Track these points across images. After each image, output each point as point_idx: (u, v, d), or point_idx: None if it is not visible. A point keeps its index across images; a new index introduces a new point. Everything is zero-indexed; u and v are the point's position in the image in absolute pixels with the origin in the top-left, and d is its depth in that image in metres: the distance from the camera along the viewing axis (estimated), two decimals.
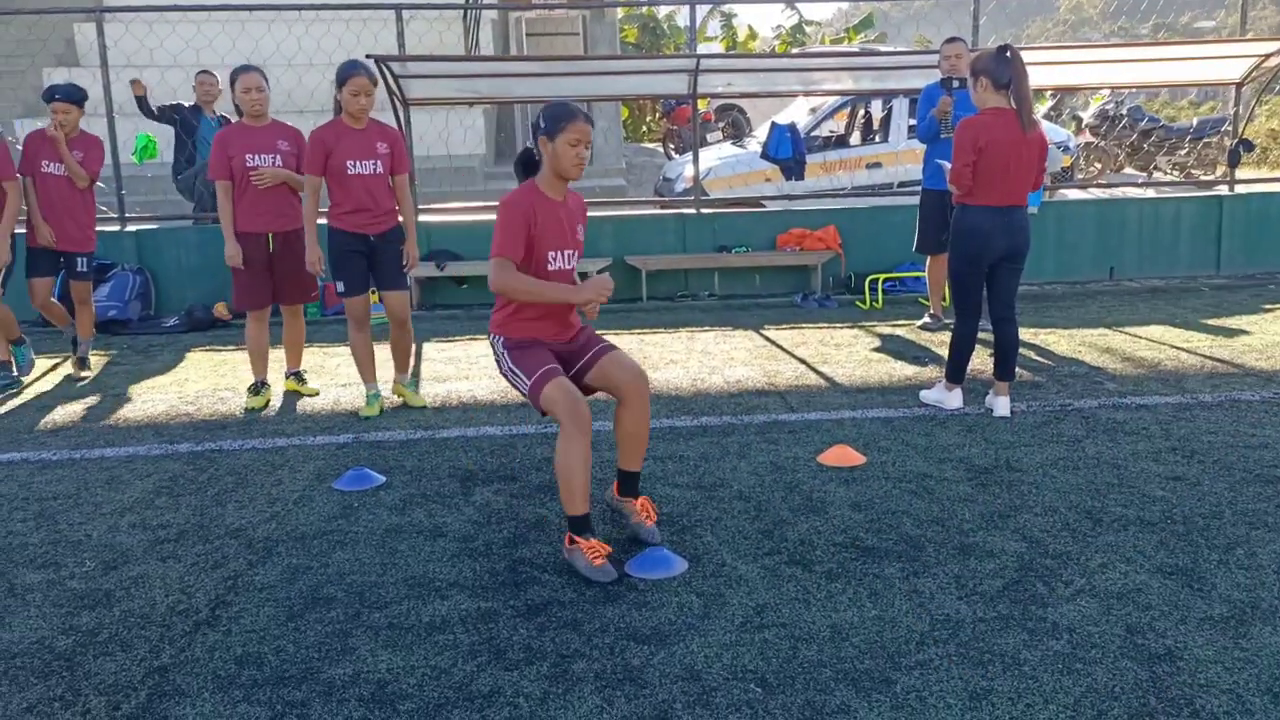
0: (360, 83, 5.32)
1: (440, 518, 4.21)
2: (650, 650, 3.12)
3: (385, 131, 5.57)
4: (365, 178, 5.43)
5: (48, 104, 6.32)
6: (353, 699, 2.91)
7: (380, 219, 5.54)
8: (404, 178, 5.64)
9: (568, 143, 3.70)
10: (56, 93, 6.29)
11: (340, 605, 3.47)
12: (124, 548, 3.97)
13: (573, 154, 3.72)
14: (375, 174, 5.46)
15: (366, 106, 5.39)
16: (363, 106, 5.37)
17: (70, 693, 2.97)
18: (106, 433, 5.44)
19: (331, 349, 7.25)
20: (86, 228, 6.52)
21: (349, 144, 5.39)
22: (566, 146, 3.70)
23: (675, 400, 5.83)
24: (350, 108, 5.36)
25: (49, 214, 6.38)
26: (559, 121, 3.69)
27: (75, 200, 6.42)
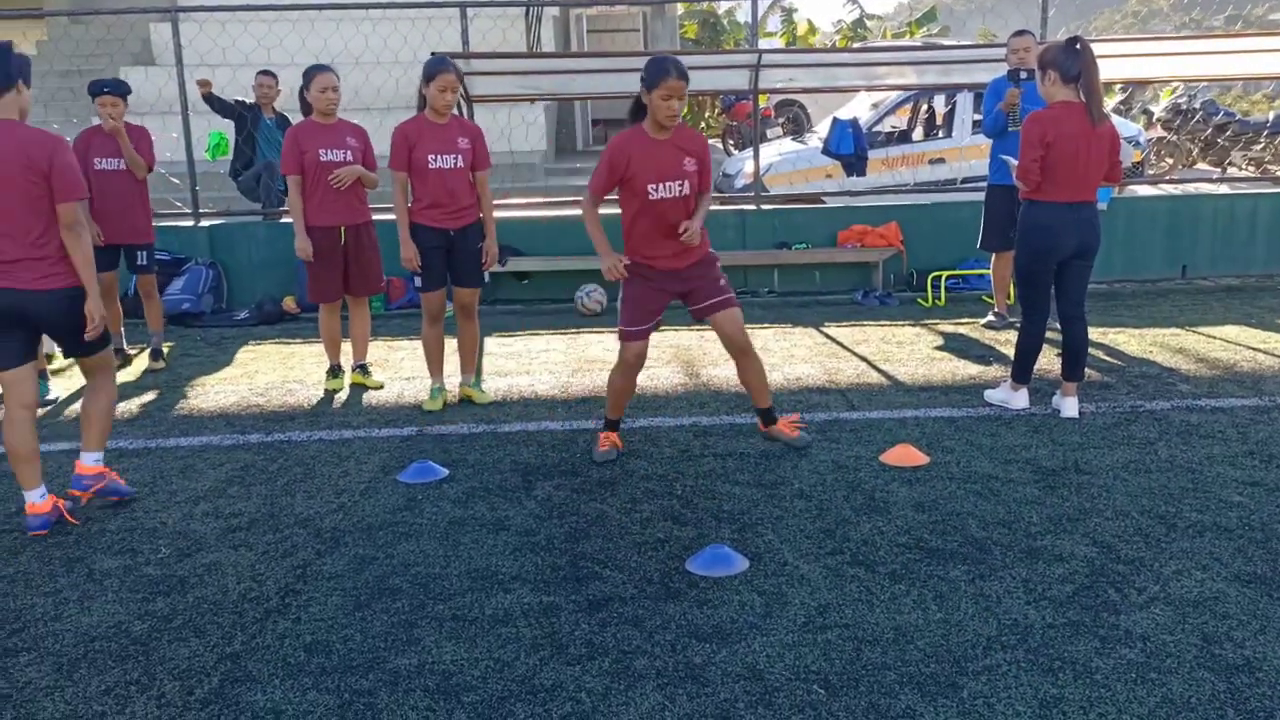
0: (448, 79, 5.33)
1: (502, 511, 4.24)
2: (712, 648, 3.12)
3: (467, 127, 5.56)
4: (446, 172, 5.41)
5: (94, 98, 6.45)
6: (418, 689, 2.95)
7: (460, 214, 5.53)
8: (485, 174, 5.62)
9: (660, 97, 4.38)
10: (104, 87, 6.41)
11: (405, 596, 3.52)
12: (198, 535, 4.06)
13: (664, 106, 4.39)
14: (456, 168, 5.44)
15: (451, 102, 5.41)
16: (448, 102, 5.38)
17: (146, 676, 3.05)
18: (180, 423, 5.58)
19: (396, 343, 7.35)
20: (144, 220, 6.64)
21: (431, 138, 5.38)
22: (659, 100, 4.39)
23: (735, 397, 5.81)
24: (436, 103, 5.36)
25: (105, 209, 6.50)
26: (654, 77, 4.36)
27: (132, 193, 6.54)
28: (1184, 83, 15.54)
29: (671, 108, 4.39)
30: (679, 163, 4.56)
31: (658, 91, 4.35)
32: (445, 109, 5.42)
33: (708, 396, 5.85)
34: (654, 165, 4.50)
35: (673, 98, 4.36)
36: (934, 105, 12.46)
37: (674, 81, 4.33)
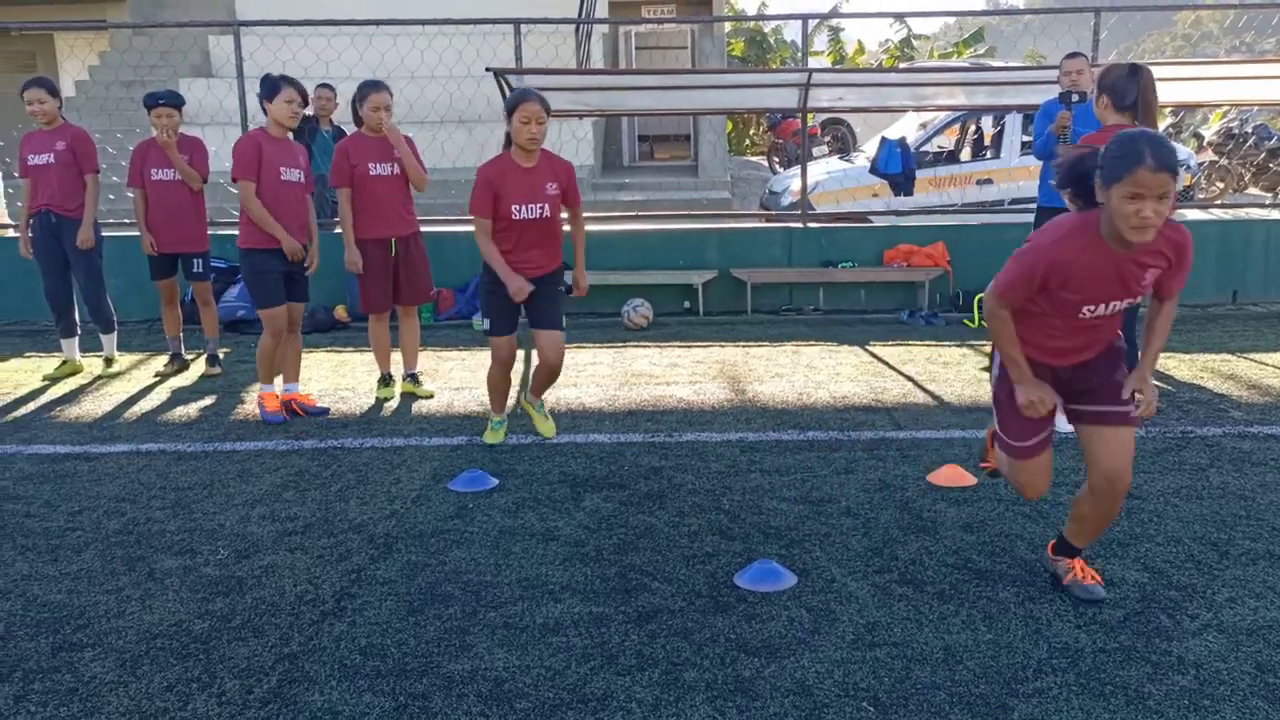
0: (532, 109, 4.72)
1: (551, 522, 4.30)
2: (761, 663, 3.14)
3: (557, 167, 5.00)
4: (531, 223, 4.95)
5: (149, 109, 6.63)
6: (471, 695, 3.00)
7: (543, 264, 5.08)
8: (579, 211, 5.23)
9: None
10: (159, 99, 6.60)
11: (458, 603, 3.58)
12: (255, 537, 4.16)
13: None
14: (543, 218, 4.96)
15: (538, 137, 4.78)
16: (533, 136, 4.75)
17: (206, 674, 3.13)
18: (237, 427, 5.70)
19: (445, 352, 7.45)
20: (199, 229, 6.81)
21: (515, 185, 4.85)
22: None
23: (781, 414, 5.83)
24: (520, 138, 4.78)
25: (162, 219, 6.68)
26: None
27: (187, 203, 6.72)
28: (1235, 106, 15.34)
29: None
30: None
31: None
32: (531, 145, 4.80)
33: (754, 412, 5.88)
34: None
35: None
36: (982, 126, 12.42)
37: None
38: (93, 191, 6.67)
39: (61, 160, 6.58)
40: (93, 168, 6.69)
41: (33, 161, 6.61)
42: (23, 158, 6.68)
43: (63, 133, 6.65)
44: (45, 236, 6.68)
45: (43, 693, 3.02)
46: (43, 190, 6.61)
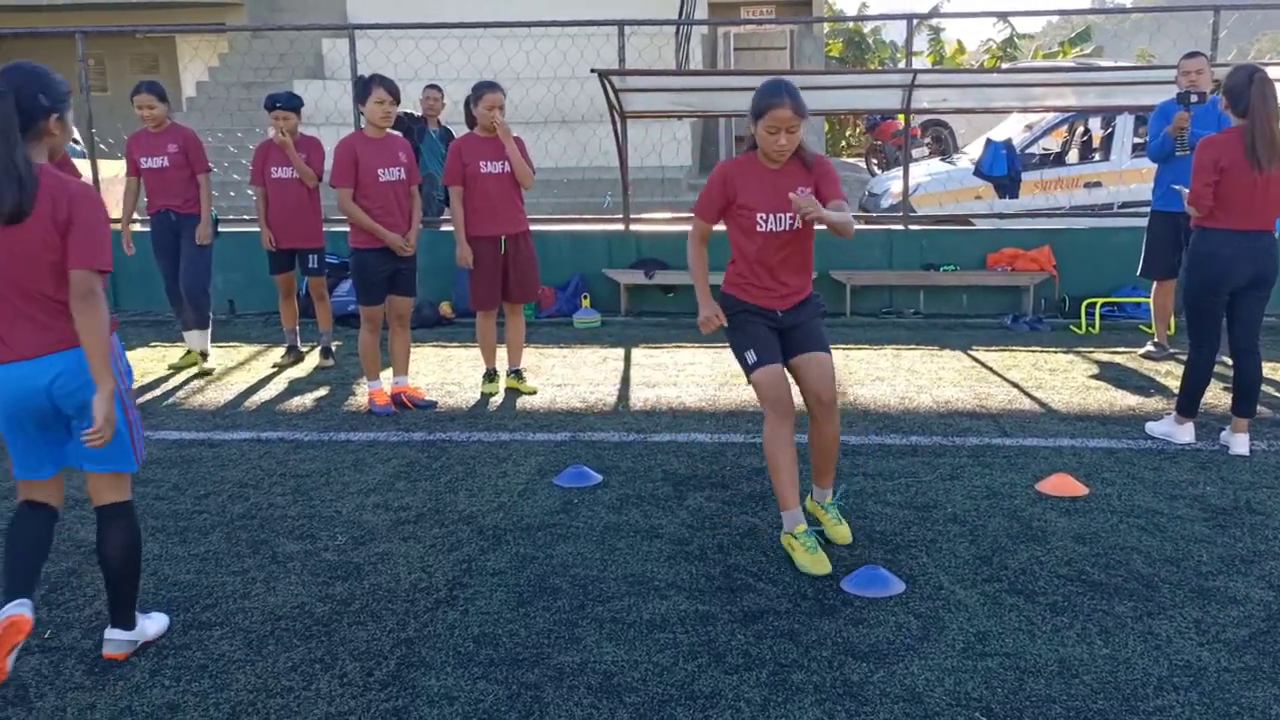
0: (783, 116, 3.73)
1: (655, 519, 4.34)
2: (869, 668, 3.13)
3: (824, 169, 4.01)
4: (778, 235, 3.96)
5: (269, 112, 6.88)
6: (581, 686, 3.06)
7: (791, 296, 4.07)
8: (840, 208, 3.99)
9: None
10: (277, 101, 6.84)
11: (566, 596, 3.64)
12: (370, 525, 4.29)
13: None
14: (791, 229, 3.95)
15: (788, 147, 3.82)
16: (783, 148, 3.81)
17: (329, 656, 3.25)
18: (350, 418, 5.89)
19: (547, 350, 7.56)
20: (315, 225, 7.05)
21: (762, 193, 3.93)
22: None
23: (883, 417, 5.78)
24: (769, 147, 3.84)
25: (280, 216, 6.93)
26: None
27: (304, 200, 6.96)
28: None
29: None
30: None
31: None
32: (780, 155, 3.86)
33: (855, 416, 5.83)
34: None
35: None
36: (1091, 128, 12.08)
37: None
38: (206, 189, 6.89)
39: (175, 162, 6.78)
40: (205, 167, 6.90)
41: (147, 165, 6.81)
42: (133, 159, 6.86)
43: (173, 135, 6.83)
44: (165, 235, 6.91)
45: (175, 668, 3.18)
46: (161, 192, 6.83)
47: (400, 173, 5.85)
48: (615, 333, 8.24)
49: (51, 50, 14.74)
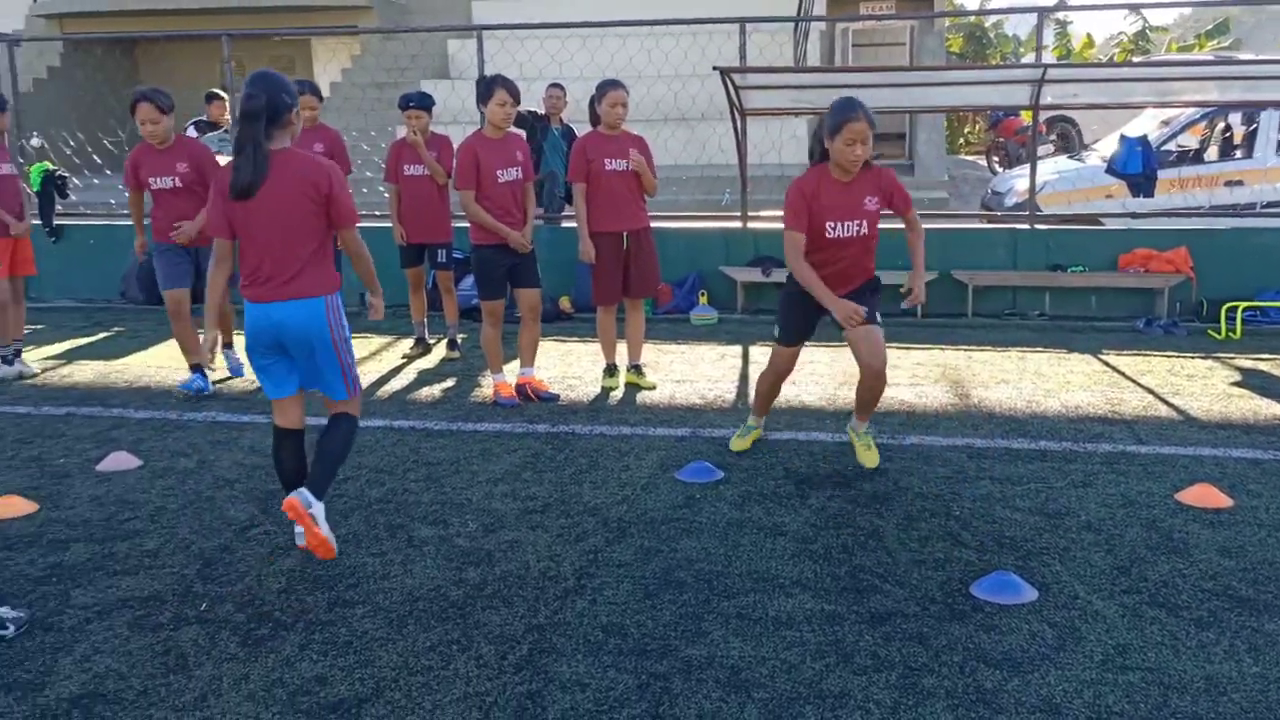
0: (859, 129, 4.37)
1: (778, 517, 4.34)
2: (1003, 675, 3.08)
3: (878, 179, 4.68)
4: (847, 241, 4.67)
5: (403, 111, 7.06)
6: (709, 680, 3.09)
7: (856, 278, 4.80)
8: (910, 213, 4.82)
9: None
10: (410, 101, 7.01)
11: (691, 590, 3.68)
12: (499, 513, 4.41)
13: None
14: (859, 235, 4.67)
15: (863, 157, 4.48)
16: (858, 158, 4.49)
17: (464, 638, 3.36)
18: (476, 409, 6.04)
19: (665, 346, 7.61)
20: (444, 221, 7.22)
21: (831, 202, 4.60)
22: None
23: (1010, 421, 5.65)
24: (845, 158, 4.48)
25: (411, 211, 7.12)
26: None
27: (433, 197, 7.14)
28: None
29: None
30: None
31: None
32: (854, 168, 4.54)
33: (980, 418, 5.72)
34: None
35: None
36: (1232, 123, 11.54)
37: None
38: None
39: None
40: (347, 168, 6.96)
41: None
42: None
43: (319, 134, 6.87)
44: None
45: (323, 643, 3.32)
46: None
47: (517, 172, 5.98)
48: (732, 330, 8.25)
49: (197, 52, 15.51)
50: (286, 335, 3.84)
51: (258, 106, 3.69)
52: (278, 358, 3.92)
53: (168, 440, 5.45)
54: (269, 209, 3.76)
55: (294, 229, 3.79)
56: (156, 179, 6.20)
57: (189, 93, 17.32)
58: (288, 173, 3.77)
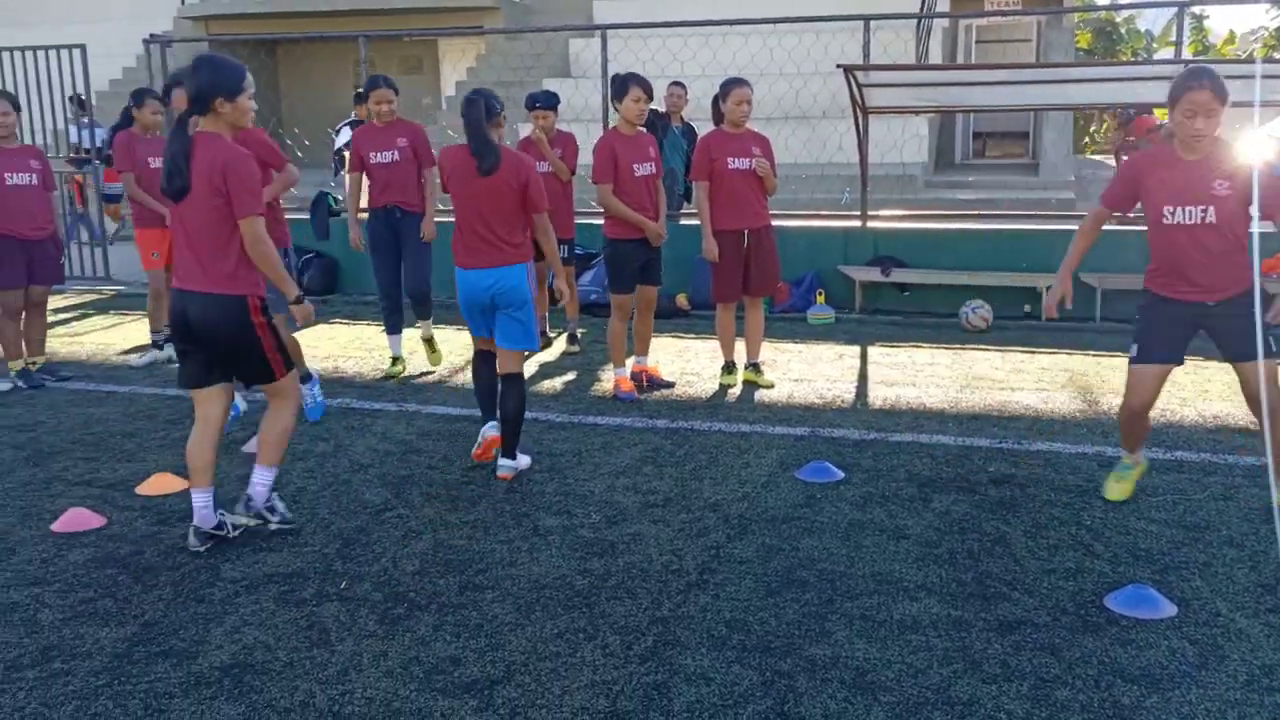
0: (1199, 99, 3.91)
1: (900, 519, 4.30)
2: (1141, 691, 3.00)
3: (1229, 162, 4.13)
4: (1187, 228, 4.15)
5: (530, 110, 7.18)
6: (834, 680, 3.09)
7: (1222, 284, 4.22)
8: None
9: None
10: (537, 101, 7.12)
11: (813, 589, 3.68)
12: (621, 506, 4.47)
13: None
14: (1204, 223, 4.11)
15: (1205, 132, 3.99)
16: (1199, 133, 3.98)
17: (590, 626, 3.43)
18: (597, 403, 6.13)
19: (781, 344, 7.58)
20: (566, 217, 7.31)
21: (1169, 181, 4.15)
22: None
23: None
24: (1185, 132, 4.00)
25: None
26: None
27: (557, 194, 7.21)
28: None
29: None
30: None
31: None
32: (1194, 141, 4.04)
33: (1111, 426, 5.54)
34: None
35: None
36: None
37: None
38: (431, 185, 6.67)
39: (404, 156, 6.58)
40: (432, 162, 6.66)
41: (376, 160, 6.59)
42: (360, 153, 6.69)
43: (402, 129, 6.66)
44: (385, 230, 6.67)
45: (455, 625, 3.43)
46: (388, 187, 6.62)
47: (651, 167, 6.06)
48: (850, 330, 8.17)
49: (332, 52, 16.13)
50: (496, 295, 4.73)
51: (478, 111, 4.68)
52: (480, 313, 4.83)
53: (306, 424, 5.69)
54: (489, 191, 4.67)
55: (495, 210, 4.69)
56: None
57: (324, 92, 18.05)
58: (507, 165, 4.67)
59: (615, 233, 6.05)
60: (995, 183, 13.91)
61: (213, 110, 3.83)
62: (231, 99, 3.84)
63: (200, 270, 3.86)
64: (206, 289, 3.86)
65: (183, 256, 3.92)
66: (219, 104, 3.82)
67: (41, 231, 6.49)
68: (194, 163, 3.78)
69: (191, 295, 3.87)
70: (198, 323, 3.87)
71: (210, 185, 3.77)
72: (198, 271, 3.86)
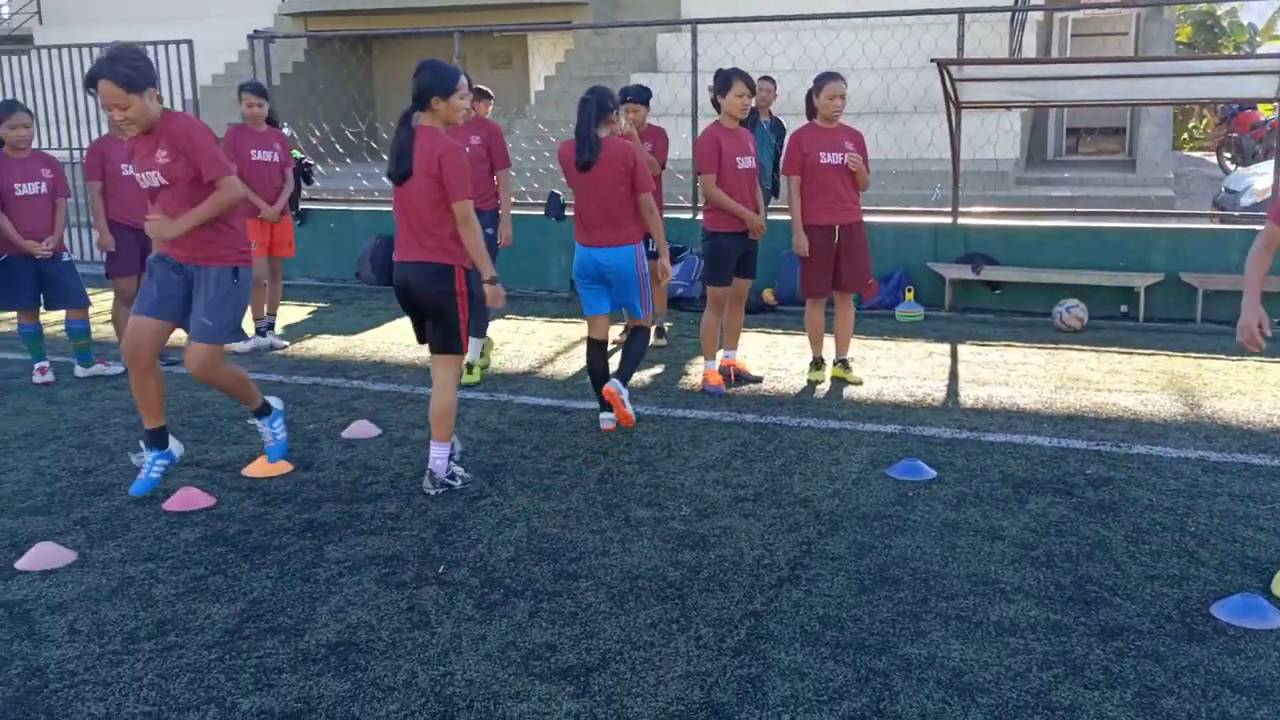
0: None
1: (995, 520, 4.24)
2: (1250, 703, 2.92)
3: None
4: None
5: (621, 104, 7.16)
6: (931, 680, 3.06)
7: None
8: None
9: None
10: (628, 95, 7.14)
11: (907, 588, 3.65)
12: (711, 499, 4.49)
13: None
14: None
15: None
16: None
17: (683, 618, 3.45)
18: (685, 396, 6.16)
19: (870, 341, 7.51)
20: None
21: None
22: None
23: (1248, 435, 5.29)
24: None
25: None
26: None
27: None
28: None
29: None
30: None
31: None
32: None
33: (1214, 430, 5.38)
34: None
35: None
36: None
37: None
38: (505, 185, 6.62)
39: (476, 154, 6.43)
40: (506, 162, 6.64)
41: None
42: None
43: (477, 126, 6.57)
44: None
45: (550, 612, 3.49)
46: None
47: (751, 161, 6.06)
48: (939, 328, 8.05)
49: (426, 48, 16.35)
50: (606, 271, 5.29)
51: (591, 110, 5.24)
52: (598, 287, 5.36)
53: (402, 412, 5.83)
54: (594, 180, 5.20)
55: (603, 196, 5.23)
56: None
57: None
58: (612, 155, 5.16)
59: (715, 225, 6.07)
60: (1090, 179, 13.54)
61: (430, 107, 4.43)
62: (446, 98, 4.43)
63: (417, 243, 4.47)
64: (421, 259, 4.46)
65: (402, 232, 4.53)
66: (435, 102, 4.42)
67: None
68: (415, 151, 4.39)
69: (409, 265, 4.50)
70: (415, 288, 4.51)
71: (428, 171, 4.36)
72: (414, 244, 4.48)
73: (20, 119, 6.22)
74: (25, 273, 6.29)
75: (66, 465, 4.99)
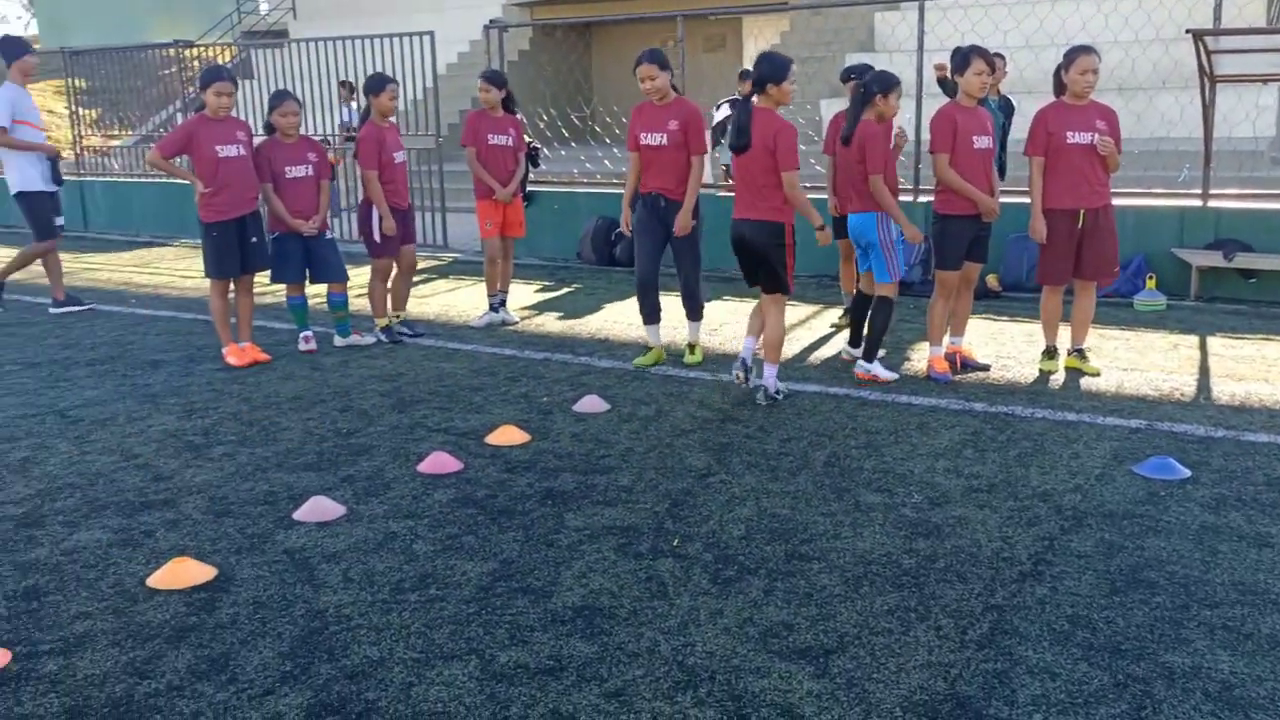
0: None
1: (1262, 526, 3.94)
2: None
3: None
4: None
5: (844, 83, 7.13)
6: (1197, 691, 2.89)
7: None
8: None
9: None
10: (852, 73, 6.99)
11: (1164, 592, 3.45)
12: (943, 488, 4.39)
13: None
14: None
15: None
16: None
17: (921, 607, 3.39)
18: (910, 382, 6.02)
19: (1106, 330, 7.11)
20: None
21: None
22: None
23: None
24: None
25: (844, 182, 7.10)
26: None
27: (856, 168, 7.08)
28: None
29: None
30: None
31: None
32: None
33: None
34: None
35: None
36: None
37: None
38: (697, 173, 6.22)
39: (674, 140, 6.15)
40: (701, 149, 6.23)
41: (645, 141, 6.23)
42: (635, 132, 6.30)
43: (676, 110, 6.20)
44: (650, 218, 6.29)
45: (784, 592, 3.51)
46: (654, 172, 6.24)
47: (988, 141, 5.86)
48: (1183, 318, 7.53)
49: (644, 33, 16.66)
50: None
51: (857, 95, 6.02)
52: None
53: (629, 389, 5.98)
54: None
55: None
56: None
57: None
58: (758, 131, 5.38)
59: (947, 208, 5.89)
60: None
61: (766, 91, 5.35)
62: (779, 84, 5.33)
63: (752, 203, 5.47)
64: (758, 217, 5.46)
65: (741, 195, 5.53)
66: (770, 87, 5.34)
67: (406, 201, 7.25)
68: (754, 127, 5.34)
69: (746, 222, 5.50)
70: (749, 241, 5.51)
71: (764, 145, 5.33)
72: (751, 204, 5.47)
73: (290, 107, 6.73)
74: (294, 249, 6.83)
75: (331, 427, 5.41)
